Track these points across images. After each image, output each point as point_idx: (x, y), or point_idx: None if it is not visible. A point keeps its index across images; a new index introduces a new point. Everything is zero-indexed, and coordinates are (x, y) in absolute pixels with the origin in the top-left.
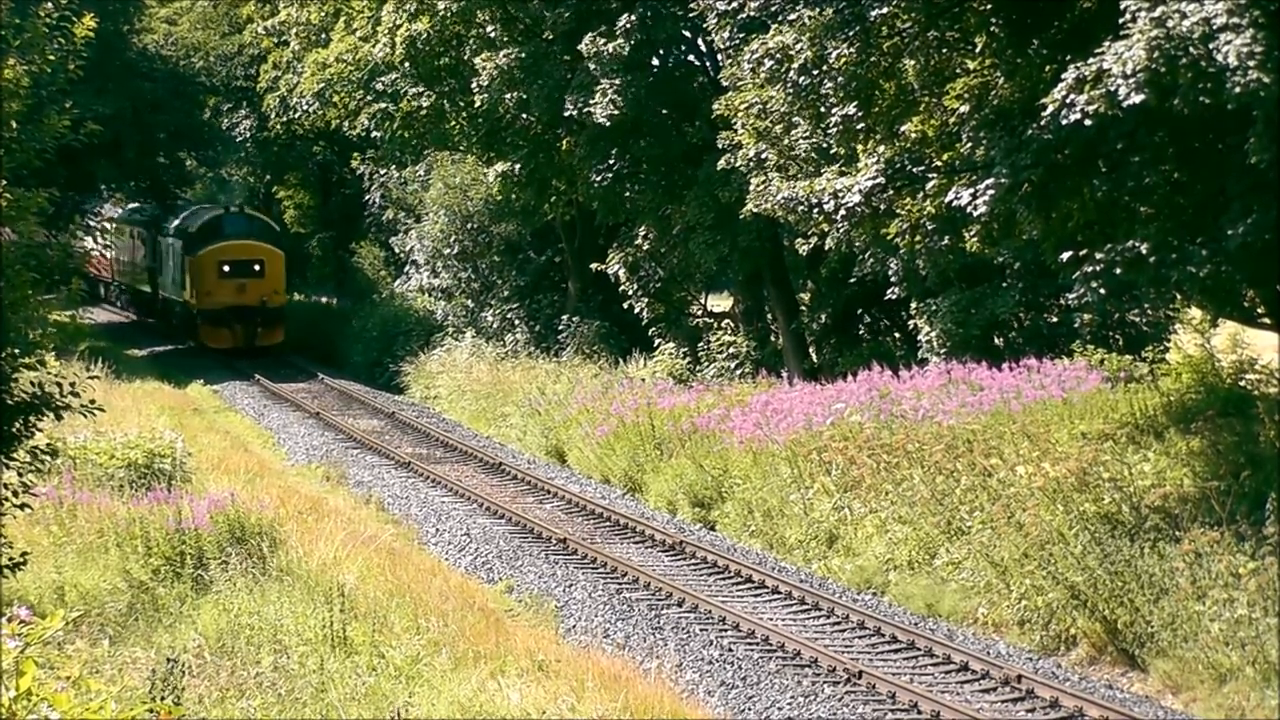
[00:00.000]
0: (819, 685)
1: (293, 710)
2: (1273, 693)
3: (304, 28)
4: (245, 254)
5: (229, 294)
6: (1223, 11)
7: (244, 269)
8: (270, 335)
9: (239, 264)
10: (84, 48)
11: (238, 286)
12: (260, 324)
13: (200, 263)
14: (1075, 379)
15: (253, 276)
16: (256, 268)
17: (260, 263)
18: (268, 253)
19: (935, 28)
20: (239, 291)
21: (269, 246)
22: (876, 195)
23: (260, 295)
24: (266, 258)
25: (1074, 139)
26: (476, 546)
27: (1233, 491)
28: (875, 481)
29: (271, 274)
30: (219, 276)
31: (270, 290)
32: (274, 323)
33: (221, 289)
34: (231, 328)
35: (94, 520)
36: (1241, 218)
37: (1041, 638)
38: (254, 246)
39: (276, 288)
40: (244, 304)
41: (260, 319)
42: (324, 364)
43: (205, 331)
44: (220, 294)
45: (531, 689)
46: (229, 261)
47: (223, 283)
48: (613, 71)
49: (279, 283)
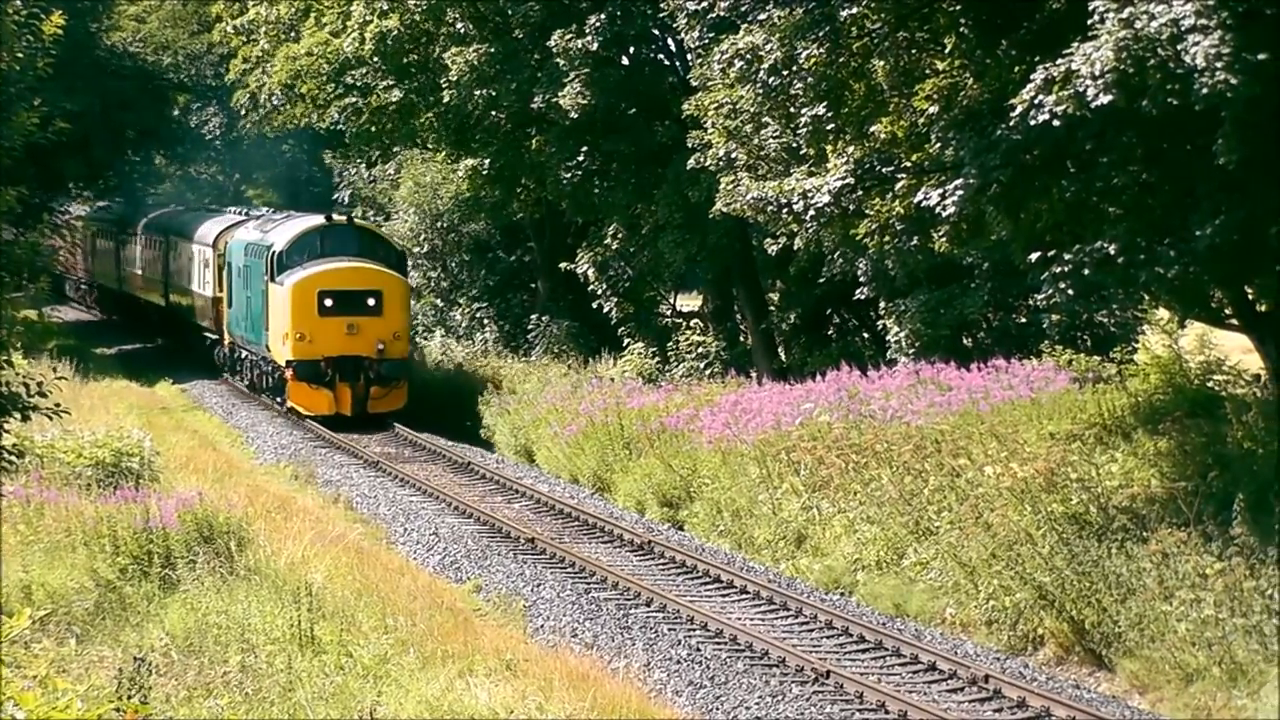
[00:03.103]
0: (787, 685)
1: (260, 709)
2: (1239, 693)
3: (273, 25)
4: (356, 282)
5: (333, 339)
6: (1191, 13)
7: (354, 303)
8: (388, 398)
9: (347, 297)
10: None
11: (345, 328)
12: (375, 380)
13: (294, 295)
14: (1043, 379)
15: (365, 313)
16: (371, 302)
17: (377, 295)
18: (387, 281)
19: (905, 28)
20: (347, 335)
21: (389, 272)
22: (846, 195)
23: (376, 340)
24: (385, 288)
25: (1043, 140)
26: (445, 546)
27: (1200, 492)
28: (844, 481)
29: (392, 311)
30: (319, 314)
31: (390, 334)
32: (393, 379)
33: (322, 332)
34: (334, 387)
35: (61, 519)
36: (1210, 219)
37: (1009, 638)
38: (369, 272)
39: (398, 330)
40: (354, 353)
41: (375, 374)
42: None
43: (296, 391)
44: (321, 339)
45: (499, 688)
46: (333, 293)
47: (324, 323)
48: (581, 66)
49: (401, 323)
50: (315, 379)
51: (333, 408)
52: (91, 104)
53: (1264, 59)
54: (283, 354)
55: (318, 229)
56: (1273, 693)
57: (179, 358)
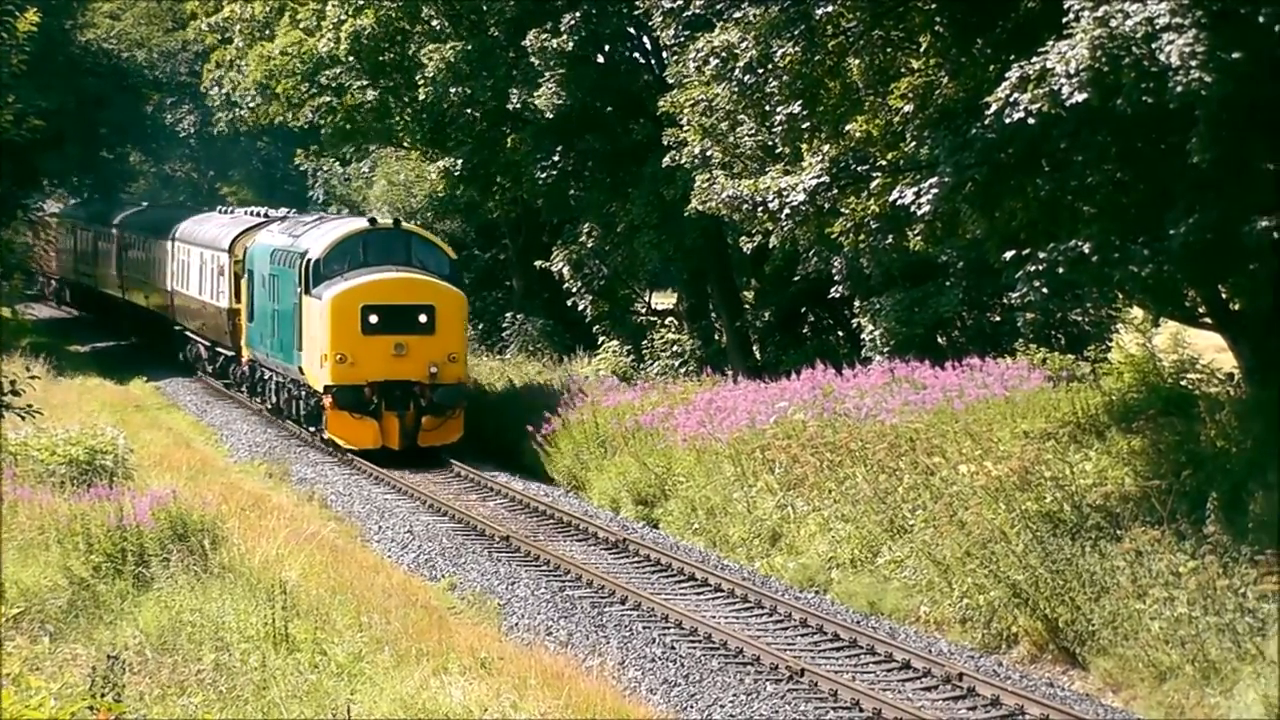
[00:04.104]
0: (761, 683)
1: (234, 708)
2: (1212, 691)
3: (248, 23)
4: (405, 295)
5: (378, 361)
6: (1165, 11)
7: (403, 320)
8: (442, 429)
9: (395, 313)
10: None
11: (393, 349)
12: (427, 409)
13: (333, 310)
14: (1018, 378)
15: (416, 332)
16: (422, 319)
17: (429, 311)
18: (440, 294)
19: (880, 27)
20: (394, 357)
21: (442, 284)
22: (821, 194)
23: (428, 363)
24: (438, 303)
25: (1017, 138)
26: (419, 544)
27: (1173, 491)
28: (818, 480)
29: (446, 329)
30: (362, 332)
31: (443, 355)
32: (448, 408)
33: (366, 353)
34: (379, 416)
35: (34, 517)
36: (1184, 218)
37: (983, 636)
38: (419, 284)
39: (453, 350)
40: (402, 378)
41: (427, 402)
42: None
43: (336, 422)
44: (365, 361)
45: (474, 686)
46: (379, 309)
47: (368, 342)
48: (557, 65)
49: (457, 343)
50: (358, 407)
51: (378, 441)
52: (66, 101)
53: (1237, 58)
54: (320, 378)
55: (360, 234)
56: (1246, 691)
57: (152, 355)
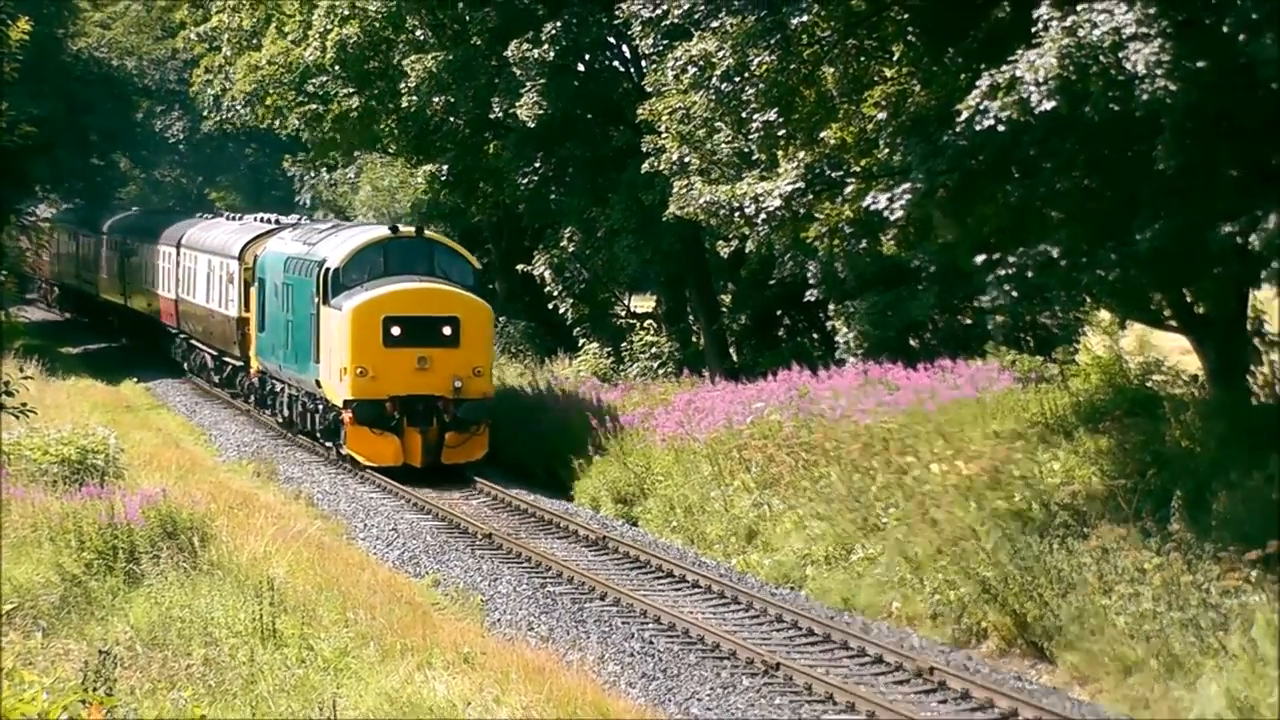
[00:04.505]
0: (738, 677)
1: (223, 701)
2: (1176, 684)
3: (236, 32)
4: (429, 306)
5: (401, 375)
6: (1132, 21)
7: (426, 332)
8: (466, 446)
9: (418, 324)
10: (19, 50)
11: (416, 362)
12: (451, 425)
13: (353, 321)
14: (988, 379)
15: (440, 344)
16: (447, 331)
17: (453, 323)
18: (465, 305)
19: (854, 36)
20: (417, 371)
21: (467, 295)
22: (796, 199)
23: (452, 377)
24: (463, 314)
25: (988, 145)
26: (404, 541)
27: (1139, 489)
28: (794, 479)
29: (471, 341)
30: (384, 344)
31: (468, 369)
32: (472, 424)
33: (388, 366)
34: (401, 432)
35: (28, 515)
36: (1150, 223)
37: (954, 631)
38: (444, 295)
39: (478, 364)
40: (425, 393)
41: (451, 418)
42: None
43: (355, 437)
44: (386, 375)
45: (457, 680)
46: (402, 320)
47: (390, 355)
48: (538, 75)
49: (482, 356)
50: (379, 423)
51: (399, 458)
52: (57, 108)
53: (1202, 66)
54: (339, 392)
55: (381, 242)
56: (1209, 684)
57: (143, 356)
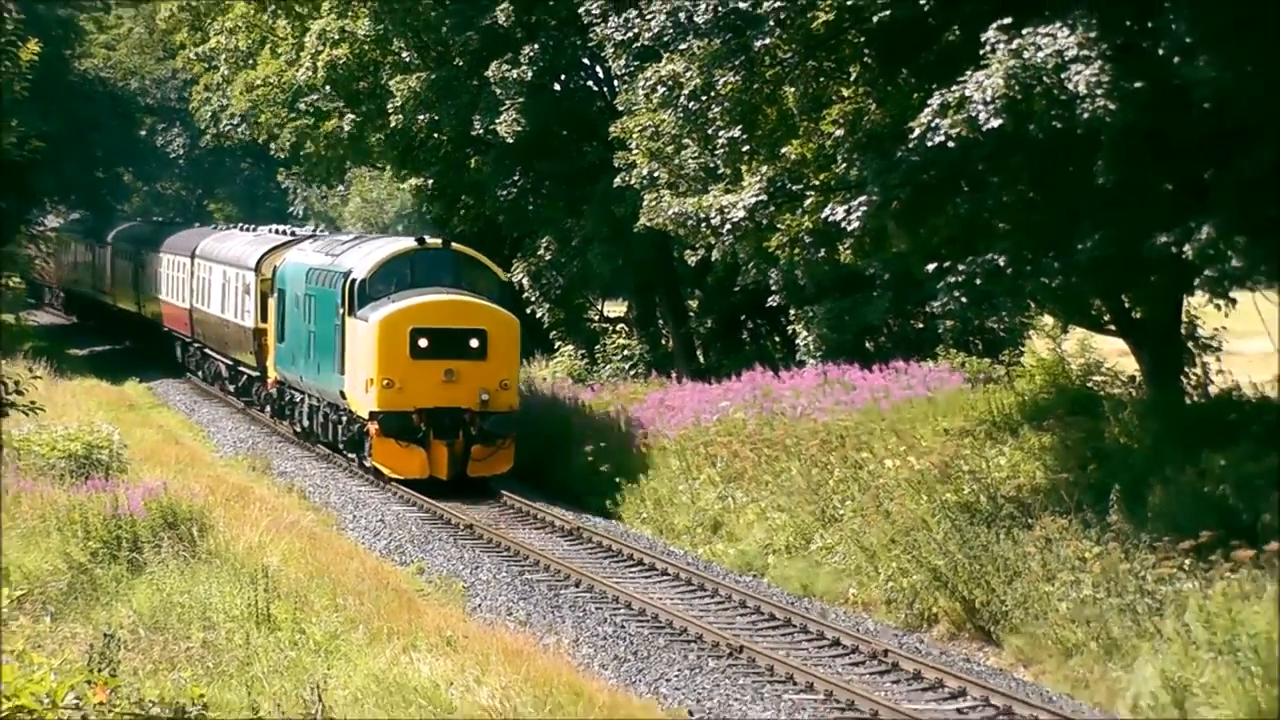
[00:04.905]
0: (704, 659)
1: (220, 681)
2: (1114, 665)
3: (232, 53)
4: (456, 319)
5: (427, 387)
6: (1074, 44)
7: (453, 345)
8: (492, 459)
9: (445, 337)
10: (28, 70)
11: (443, 374)
12: (477, 437)
13: (380, 333)
14: (939, 380)
15: (467, 357)
16: (474, 343)
17: (480, 335)
18: (493, 318)
19: (813, 58)
20: (444, 383)
21: (495, 308)
22: (759, 211)
23: (479, 390)
24: (490, 327)
25: (939, 160)
26: (390, 532)
27: (1080, 483)
28: (756, 473)
29: (498, 354)
30: (411, 356)
31: (495, 382)
32: (498, 437)
33: (415, 378)
34: (427, 444)
35: (37, 506)
36: (1090, 234)
37: (906, 616)
38: (471, 307)
39: (505, 377)
40: (452, 405)
41: (477, 430)
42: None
43: (381, 449)
44: (413, 387)
45: (440, 662)
46: (429, 332)
47: (417, 367)
48: (517, 95)
49: (509, 369)
50: (405, 435)
51: (425, 470)
52: (64, 124)
53: (1139, 87)
54: (365, 404)
55: (407, 254)
56: (1144, 665)
57: (145, 358)
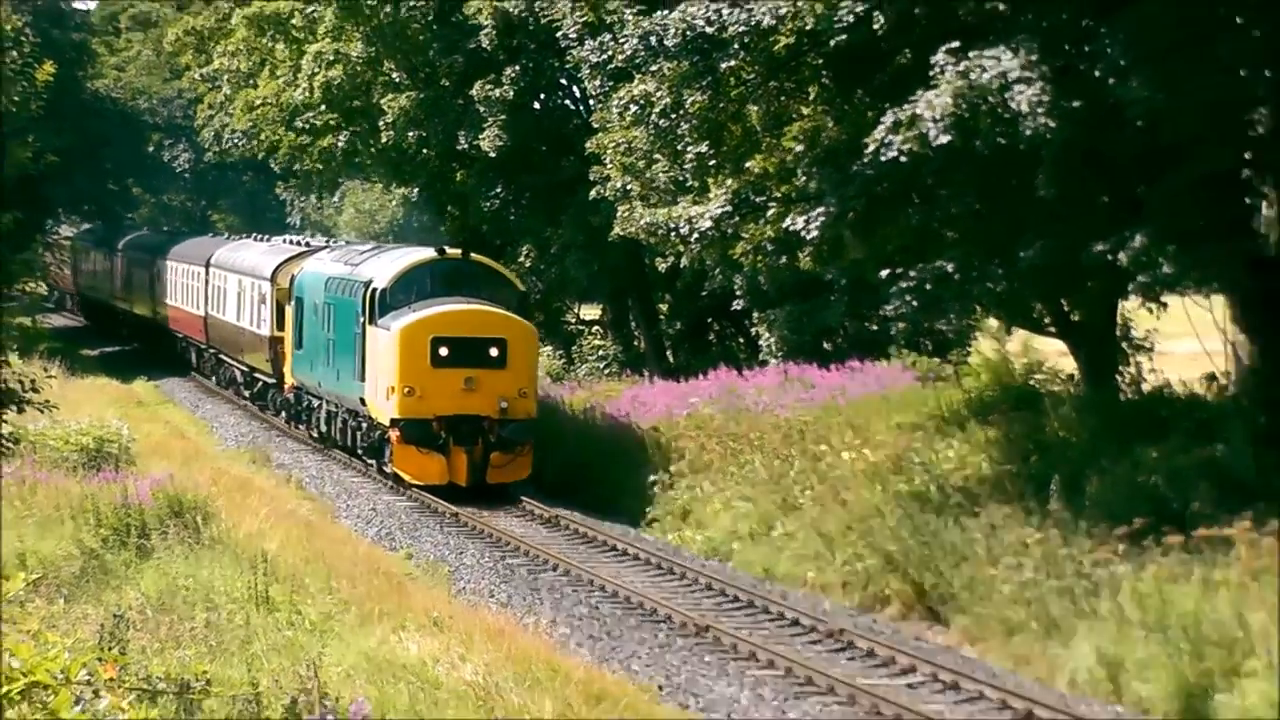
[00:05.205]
0: (672, 637)
1: (222, 659)
2: (1053, 643)
3: (234, 74)
4: (476, 328)
5: (447, 395)
6: (1017, 66)
7: (473, 353)
8: (511, 466)
9: (465, 345)
10: (44, 90)
11: (463, 382)
12: (496, 445)
13: (401, 341)
14: (892, 378)
15: (486, 365)
16: (494, 352)
17: (500, 344)
18: (512, 327)
19: (775, 79)
20: (464, 391)
21: (514, 317)
22: (725, 221)
23: (498, 398)
24: (510, 336)
25: (892, 174)
26: (381, 520)
27: (1022, 474)
28: (723, 465)
29: (517, 363)
30: (432, 364)
31: (514, 390)
32: (517, 444)
33: (435, 386)
34: (447, 451)
35: (51, 496)
36: (1032, 243)
37: (861, 598)
38: (491, 316)
39: (524, 385)
40: (472, 412)
41: (496, 437)
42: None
43: (403, 456)
44: (433, 394)
45: (428, 641)
46: (449, 341)
47: (438, 375)
48: (499, 112)
49: (528, 377)
50: (426, 442)
51: (445, 476)
52: (77, 140)
53: (1077, 106)
54: (386, 411)
55: (427, 263)
56: (1081, 643)
57: (153, 358)
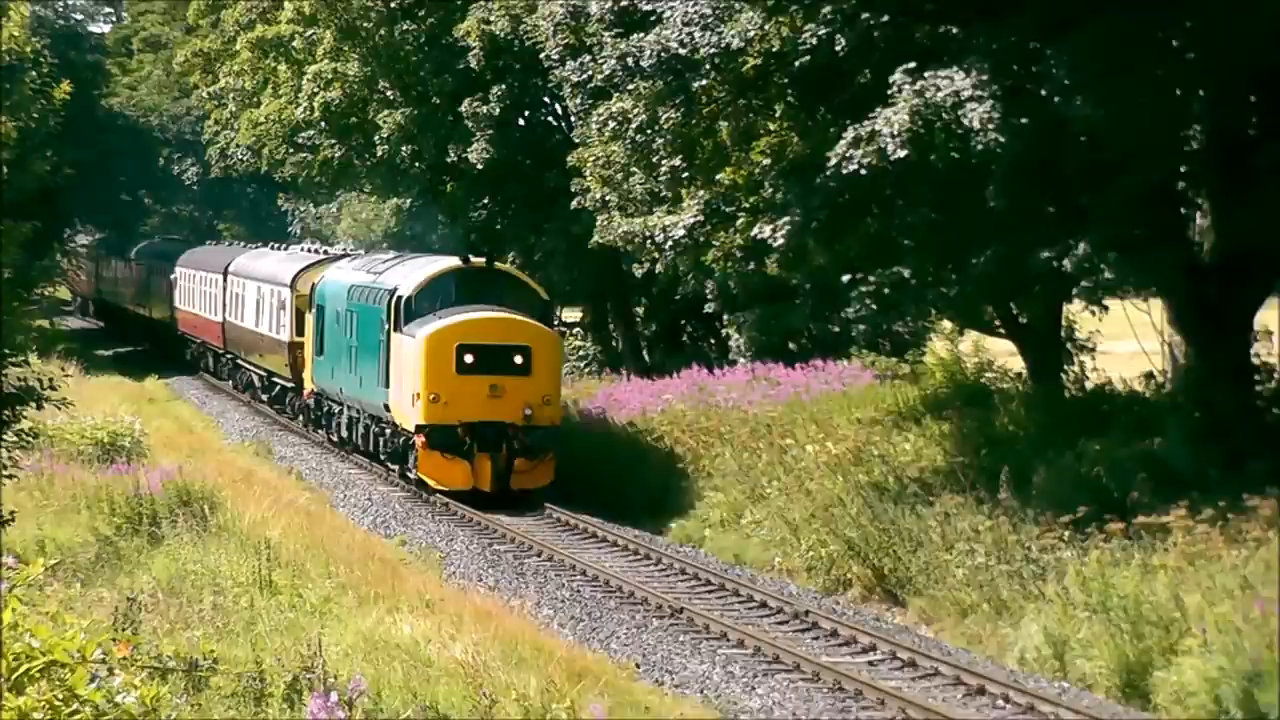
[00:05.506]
0: (649, 619)
1: (228, 639)
2: (1003, 624)
3: (239, 93)
4: (501, 335)
5: (472, 402)
6: (969, 86)
7: (498, 361)
8: (535, 472)
9: (490, 353)
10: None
11: (488, 389)
12: (520, 451)
13: (427, 349)
14: (853, 376)
15: (511, 373)
16: (518, 360)
17: (524, 352)
18: (536, 335)
19: (744, 97)
20: (489, 398)
21: (538, 325)
22: (697, 230)
23: (523, 405)
24: (534, 344)
25: (853, 186)
26: (377, 509)
27: (974, 466)
28: (694, 458)
29: (541, 371)
30: (457, 372)
31: (539, 397)
32: (541, 451)
33: (460, 393)
34: (472, 457)
35: (68, 487)
36: (983, 251)
37: (824, 581)
38: (515, 324)
39: (548, 393)
40: (496, 419)
41: (520, 445)
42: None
43: (427, 462)
44: (458, 401)
45: (420, 622)
46: (474, 348)
47: (463, 382)
48: (486, 128)
49: (552, 385)
50: (451, 448)
51: (469, 482)
52: (91, 155)
53: (1026, 123)
54: (411, 417)
55: (452, 272)
56: (1029, 624)
57: (163, 359)
